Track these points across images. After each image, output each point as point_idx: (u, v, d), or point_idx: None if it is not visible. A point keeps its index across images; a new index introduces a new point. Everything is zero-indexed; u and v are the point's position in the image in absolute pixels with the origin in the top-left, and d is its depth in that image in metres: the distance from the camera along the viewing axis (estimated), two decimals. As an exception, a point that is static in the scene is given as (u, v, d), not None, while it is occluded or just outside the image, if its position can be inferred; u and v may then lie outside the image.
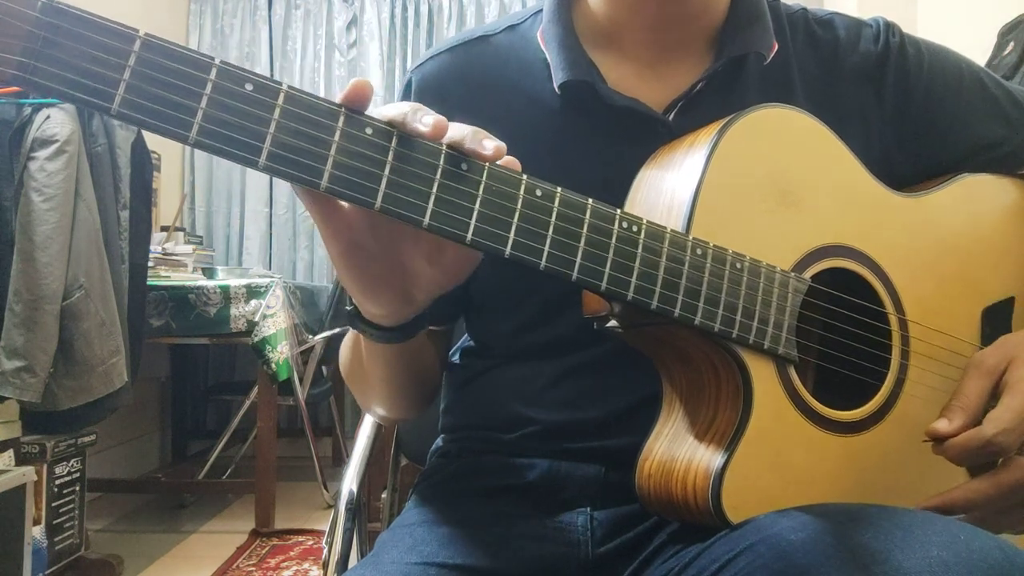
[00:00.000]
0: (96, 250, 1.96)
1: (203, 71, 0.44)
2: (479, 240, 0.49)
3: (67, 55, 0.42)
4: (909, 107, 0.74)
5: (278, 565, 2.32)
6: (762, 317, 0.59)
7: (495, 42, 0.76)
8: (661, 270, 0.55)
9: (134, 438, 3.29)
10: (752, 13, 0.72)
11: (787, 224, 0.63)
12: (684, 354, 0.62)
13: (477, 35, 0.77)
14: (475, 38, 0.77)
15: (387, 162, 0.48)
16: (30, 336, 1.80)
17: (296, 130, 0.46)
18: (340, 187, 0.47)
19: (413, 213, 0.48)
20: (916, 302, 0.68)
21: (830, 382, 0.66)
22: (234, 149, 0.45)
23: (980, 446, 0.60)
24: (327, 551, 0.93)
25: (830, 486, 0.62)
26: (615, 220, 0.54)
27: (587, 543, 0.68)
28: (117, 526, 2.76)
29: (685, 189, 0.60)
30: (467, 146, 0.50)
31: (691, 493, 0.59)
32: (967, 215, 0.74)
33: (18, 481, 1.75)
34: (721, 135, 0.60)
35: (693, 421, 0.62)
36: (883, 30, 0.76)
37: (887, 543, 0.50)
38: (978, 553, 0.48)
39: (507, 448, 0.74)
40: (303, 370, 2.86)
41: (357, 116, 0.47)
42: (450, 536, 0.69)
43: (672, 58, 0.72)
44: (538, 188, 0.51)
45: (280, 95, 0.46)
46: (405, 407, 0.79)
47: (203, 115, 0.44)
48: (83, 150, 1.94)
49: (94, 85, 0.42)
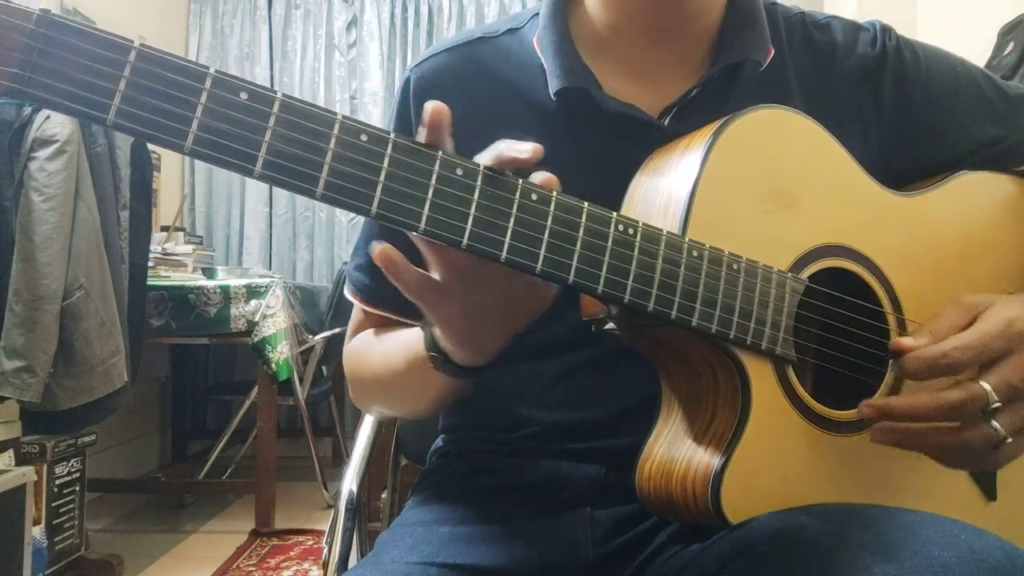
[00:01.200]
0: (96, 250, 1.96)
1: (198, 81, 0.44)
2: (475, 245, 0.49)
3: (62, 66, 0.42)
4: (906, 109, 0.74)
5: (278, 565, 2.32)
6: (759, 318, 0.59)
7: (495, 44, 0.76)
8: (658, 272, 0.55)
9: (134, 438, 3.29)
10: (749, 19, 0.72)
11: (784, 224, 0.63)
12: (682, 355, 0.62)
13: (477, 36, 0.77)
14: (475, 39, 0.77)
15: (383, 168, 0.48)
16: (30, 336, 1.81)
17: (291, 138, 0.46)
18: (335, 194, 0.47)
19: (408, 219, 0.48)
20: (914, 301, 0.68)
21: (828, 382, 0.67)
22: (229, 158, 0.45)
23: (935, 357, 0.58)
24: (327, 551, 0.93)
25: (829, 486, 0.62)
26: (611, 223, 0.53)
27: (587, 543, 0.68)
28: (117, 526, 2.76)
29: (681, 191, 0.60)
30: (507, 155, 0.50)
31: (691, 494, 0.59)
32: (964, 213, 0.74)
33: (18, 481, 1.75)
34: (717, 136, 0.61)
35: (692, 422, 0.62)
36: (879, 33, 0.76)
37: (888, 543, 0.50)
38: (980, 554, 0.48)
39: (507, 448, 0.74)
40: (303, 370, 2.86)
41: (352, 123, 0.47)
42: (450, 536, 0.69)
43: (668, 63, 0.72)
44: (534, 192, 0.51)
45: (275, 103, 0.46)
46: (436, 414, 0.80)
47: (198, 124, 0.44)
48: (83, 150, 1.94)
49: (89, 96, 0.42)
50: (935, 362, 0.58)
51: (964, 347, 0.58)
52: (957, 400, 0.57)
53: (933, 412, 0.58)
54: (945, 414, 0.58)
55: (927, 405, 0.58)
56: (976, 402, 0.57)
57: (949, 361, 0.58)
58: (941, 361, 0.58)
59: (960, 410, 0.57)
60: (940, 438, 0.59)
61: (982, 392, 0.57)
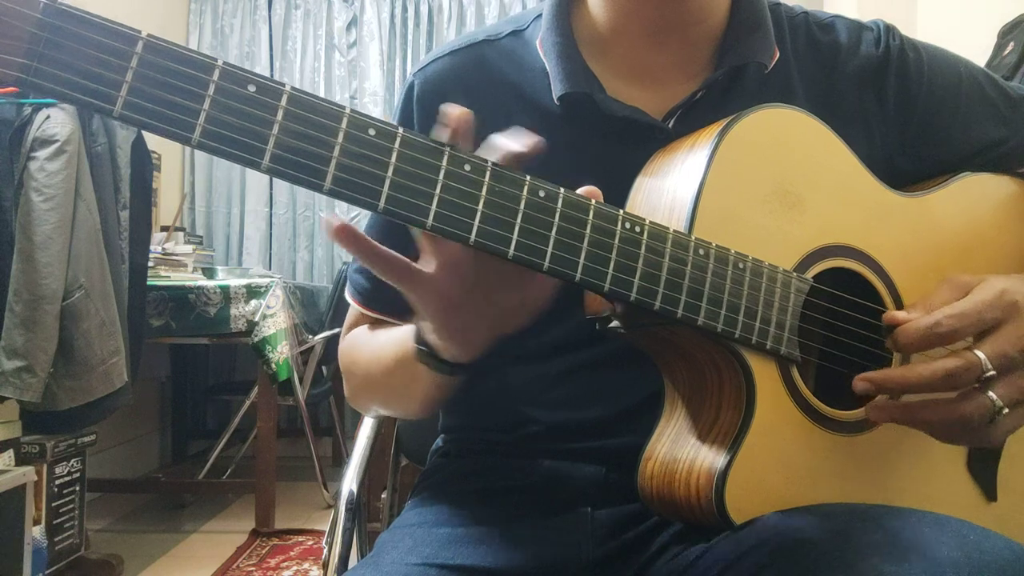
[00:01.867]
0: (96, 250, 1.96)
1: (206, 72, 0.44)
2: (482, 241, 0.49)
3: (69, 56, 0.42)
4: (910, 110, 0.74)
5: (278, 565, 2.32)
6: (764, 317, 0.59)
7: (498, 47, 0.76)
8: (664, 271, 0.55)
9: (134, 438, 3.28)
10: (754, 21, 0.72)
11: (789, 224, 0.63)
12: (687, 354, 0.62)
13: (480, 39, 0.77)
14: (479, 41, 0.76)
15: (390, 163, 0.48)
16: (30, 336, 1.80)
17: (299, 132, 0.46)
18: (343, 188, 0.47)
19: (416, 214, 0.48)
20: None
21: (832, 382, 0.66)
22: (237, 151, 0.45)
23: (928, 326, 0.58)
24: (327, 551, 0.93)
25: (832, 486, 0.62)
26: (618, 221, 0.53)
27: (588, 544, 0.68)
28: (117, 526, 2.76)
29: (687, 190, 0.60)
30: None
31: (694, 494, 0.59)
32: (967, 214, 0.74)
33: (18, 481, 1.75)
34: (722, 136, 0.60)
35: (696, 421, 0.62)
36: (884, 33, 0.76)
37: (897, 544, 0.50)
38: (988, 554, 0.48)
39: (507, 448, 0.74)
40: (303, 370, 2.86)
41: (361, 117, 0.47)
42: (450, 537, 0.69)
43: (671, 65, 0.72)
44: (541, 189, 0.51)
45: (283, 96, 0.46)
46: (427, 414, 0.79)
47: (206, 117, 0.44)
48: (83, 150, 1.94)
49: (96, 87, 0.42)
50: (929, 331, 0.58)
51: (958, 315, 0.58)
52: (952, 367, 0.57)
53: (927, 380, 0.57)
54: (940, 382, 0.57)
55: (921, 374, 0.57)
56: (971, 370, 0.57)
57: (943, 330, 0.58)
58: (935, 330, 0.58)
59: (955, 378, 0.57)
60: (936, 411, 0.58)
61: (976, 360, 0.57)
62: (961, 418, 0.57)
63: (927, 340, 0.58)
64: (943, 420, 0.58)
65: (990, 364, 0.57)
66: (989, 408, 0.57)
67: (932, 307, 0.60)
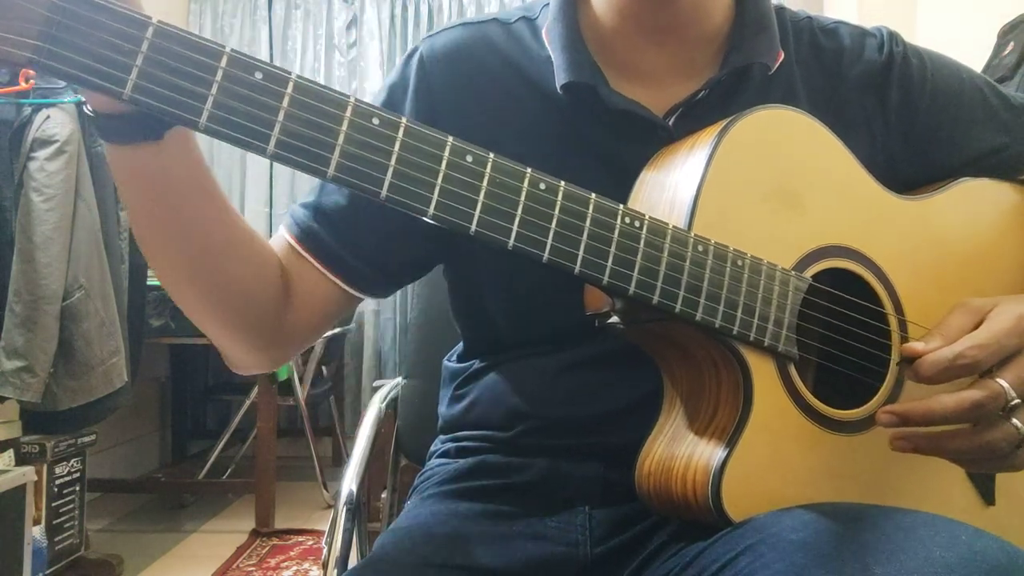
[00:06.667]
0: (96, 250, 1.96)
1: (214, 59, 0.45)
2: (483, 231, 0.50)
3: (82, 40, 0.43)
4: (912, 115, 0.75)
5: (278, 565, 2.32)
6: (762, 314, 0.59)
7: (509, 29, 0.76)
8: (663, 265, 0.55)
9: (134, 438, 3.28)
10: (760, 22, 0.72)
11: (788, 224, 0.63)
12: (685, 351, 0.62)
13: (492, 18, 0.77)
14: (490, 20, 0.76)
15: (394, 152, 0.48)
16: (30, 336, 1.80)
17: (305, 119, 0.47)
18: (347, 176, 0.48)
19: (418, 203, 0.49)
20: (915, 303, 0.68)
21: (830, 381, 0.67)
22: (243, 136, 0.46)
23: (951, 358, 0.57)
24: (327, 551, 0.92)
25: (828, 485, 0.62)
26: (618, 215, 0.54)
27: (586, 542, 0.68)
28: (117, 526, 2.76)
29: (687, 188, 0.60)
30: None
31: (691, 490, 0.59)
32: (966, 218, 0.74)
33: (18, 481, 1.75)
34: (722, 135, 0.61)
35: (693, 418, 0.62)
36: (887, 39, 0.76)
37: (889, 544, 0.50)
38: (981, 554, 0.48)
39: (506, 447, 0.74)
40: (303, 370, 2.86)
41: (365, 106, 0.48)
42: (450, 536, 0.69)
43: (671, 66, 0.72)
44: (542, 182, 0.52)
45: (289, 84, 0.46)
46: (219, 322, 0.72)
47: (213, 102, 0.45)
48: (83, 150, 1.94)
49: (107, 70, 0.43)
50: (952, 363, 0.58)
51: (980, 345, 0.58)
52: (979, 398, 0.57)
53: (953, 411, 0.57)
54: (966, 413, 0.57)
55: (946, 406, 0.57)
56: (996, 400, 0.57)
57: (966, 361, 0.58)
58: (958, 362, 0.58)
59: (981, 409, 0.57)
60: (961, 441, 0.58)
61: (1000, 389, 0.57)
62: (987, 447, 0.58)
63: (950, 372, 0.58)
64: (969, 450, 0.58)
65: (1013, 392, 0.57)
66: (1015, 435, 0.57)
67: (949, 335, 0.60)
